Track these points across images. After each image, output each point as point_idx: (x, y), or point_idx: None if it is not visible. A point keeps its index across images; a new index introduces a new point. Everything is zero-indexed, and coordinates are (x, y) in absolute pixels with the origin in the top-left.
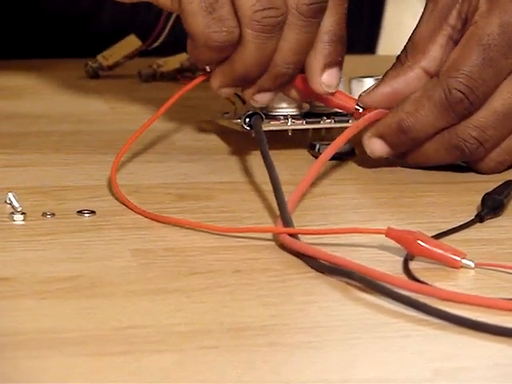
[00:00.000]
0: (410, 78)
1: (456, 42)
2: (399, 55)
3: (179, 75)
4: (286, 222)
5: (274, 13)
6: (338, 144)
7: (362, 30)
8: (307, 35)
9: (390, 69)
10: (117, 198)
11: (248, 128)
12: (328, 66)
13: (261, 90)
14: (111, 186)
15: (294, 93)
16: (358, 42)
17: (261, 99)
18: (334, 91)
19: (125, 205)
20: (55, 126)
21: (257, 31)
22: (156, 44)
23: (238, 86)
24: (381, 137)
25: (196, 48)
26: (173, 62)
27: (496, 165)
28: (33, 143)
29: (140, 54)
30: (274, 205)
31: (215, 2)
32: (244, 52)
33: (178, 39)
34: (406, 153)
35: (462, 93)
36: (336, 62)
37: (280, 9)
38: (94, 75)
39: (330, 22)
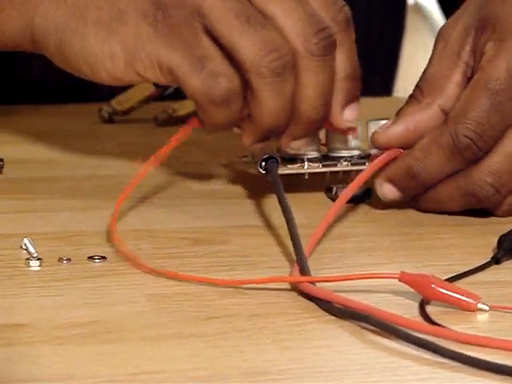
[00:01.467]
0: (428, 115)
1: (469, 78)
2: (413, 93)
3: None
4: (304, 270)
5: (279, 53)
6: (354, 187)
7: (378, 72)
8: (326, 74)
9: (405, 106)
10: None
11: (264, 172)
12: (348, 102)
13: (295, 139)
14: (109, 235)
15: None
16: (374, 84)
17: (297, 146)
18: (356, 125)
19: (126, 255)
20: (71, 171)
21: (268, 77)
22: (170, 90)
23: (270, 137)
24: (391, 181)
25: (204, 111)
26: (188, 105)
27: (511, 207)
28: (48, 188)
29: (156, 98)
30: (291, 249)
31: (203, 58)
32: (262, 104)
33: None
34: (419, 199)
35: (470, 139)
36: (355, 97)
37: (283, 48)
38: (109, 120)
39: (341, 59)
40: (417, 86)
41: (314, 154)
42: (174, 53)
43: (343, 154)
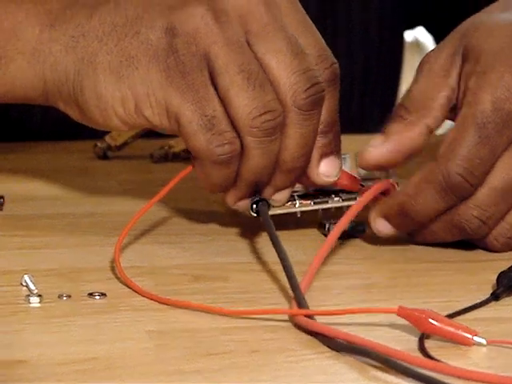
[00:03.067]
0: (414, 134)
1: (453, 107)
2: (398, 111)
3: (191, 155)
4: (300, 303)
5: (272, 115)
6: (344, 223)
7: (375, 109)
8: (310, 127)
9: (390, 125)
10: (122, 282)
11: (255, 214)
12: (324, 156)
13: (278, 190)
14: (115, 269)
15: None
16: (372, 121)
17: (280, 198)
18: (334, 179)
19: (131, 288)
20: (70, 208)
21: (259, 137)
22: None
23: (252, 193)
24: (385, 217)
25: (204, 168)
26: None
27: (506, 240)
28: (48, 225)
29: (149, 133)
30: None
31: (213, 118)
32: (250, 160)
33: None
34: (414, 235)
35: (462, 176)
36: (331, 151)
37: (277, 110)
38: (103, 156)
39: (322, 112)
40: (401, 104)
41: (303, 190)
42: (185, 104)
43: (334, 189)
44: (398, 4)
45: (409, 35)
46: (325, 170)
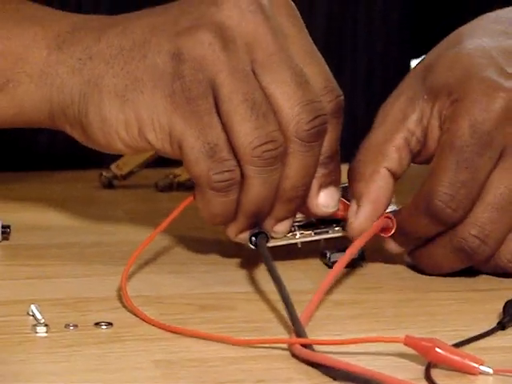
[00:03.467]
0: (380, 183)
1: (412, 149)
2: (355, 168)
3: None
4: (299, 334)
5: (274, 145)
6: (349, 256)
7: None
8: (311, 158)
9: (354, 185)
10: (129, 310)
11: (253, 247)
12: (323, 186)
13: (278, 221)
14: (122, 298)
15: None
16: None
17: (281, 229)
18: (332, 210)
19: (138, 316)
20: (76, 238)
21: (259, 166)
22: None
23: (254, 225)
24: (391, 237)
25: (204, 196)
26: None
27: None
28: (55, 255)
29: (155, 161)
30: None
31: (215, 146)
32: (250, 189)
33: None
34: (416, 257)
35: (443, 202)
36: (330, 182)
37: (278, 141)
38: (109, 185)
39: (323, 143)
40: (356, 160)
41: (303, 220)
42: (188, 130)
43: (334, 218)
44: (404, 33)
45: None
46: (324, 201)
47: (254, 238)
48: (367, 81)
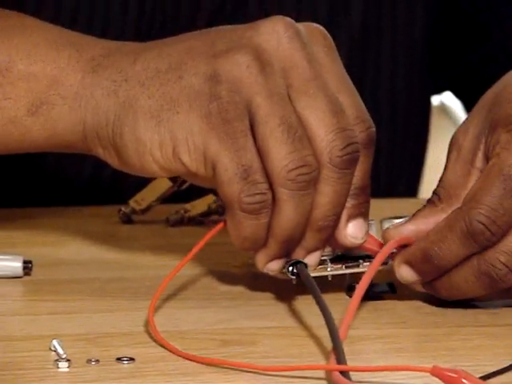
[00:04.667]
0: (442, 218)
1: None
2: (431, 198)
3: (206, 219)
4: (340, 360)
5: (308, 170)
6: (367, 280)
7: (402, 176)
8: (343, 186)
9: (421, 209)
10: (156, 342)
11: (293, 276)
12: (351, 217)
13: (309, 251)
14: (150, 332)
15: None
16: (398, 187)
17: (311, 260)
18: (360, 242)
19: (166, 348)
20: (98, 273)
21: (293, 189)
22: (187, 184)
23: (284, 254)
24: (408, 264)
25: (234, 218)
26: (200, 206)
27: None
28: (77, 290)
29: (171, 195)
30: (320, 350)
31: (249, 168)
32: (282, 213)
33: None
34: (437, 284)
35: (483, 224)
36: (360, 214)
37: (312, 165)
38: (128, 220)
39: (355, 173)
40: (434, 192)
41: (331, 254)
42: (223, 151)
43: (359, 254)
44: (426, 69)
45: (435, 100)
46: (352, 232)
47: (291, 268)
48: (391, 117)
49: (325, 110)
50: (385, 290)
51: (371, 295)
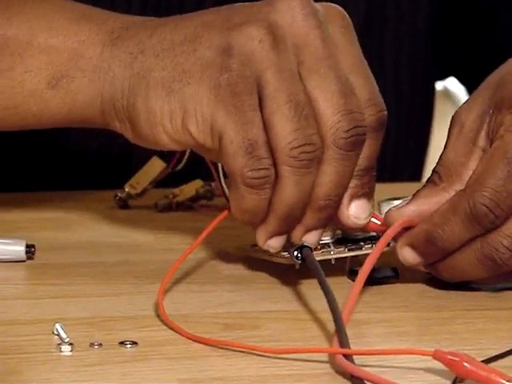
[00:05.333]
0: (444, 198)
1: None
2: (431, 177)
3: (194, 204)
4: (343, 343)
5: (311, 148)
6: (371, 263)
7: (407, 160)
8: (346, 167)
9: (422, 189)
10: (166, 325)
11: (299, 261)
12: (354, 197)
13: (308, 230)
14: (159, 314)
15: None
16: (403, 172)
17: (310, 239)
18: (363, 223)
19: (174, 330)
20: (101, 257)
21: (294, 167)
22: (181, 165)
23: (284, 231)
24: (411, 246)
25: (237, 192)
26: (188, 190)
27: None
28: (80, 274)
29: (166, 178)
30: (321, 333)
31: (255, 143)
32: (283, 190)
33: (200, 157)
34: (439, 266)
35: (487, 207)
36: (363, 194)
37: (316, 144)
38: (124, 205)
39: (361, 155)
40: (434, 170)
41: (333, 238)
42: (230, 124)
43: (359, 236)
44: (429, 58)
45: (440, 85)
46: (354, 212)
47: (296, 252)
48: (395, 105)
49: (334, 90)
50: (388, 274)
51: (374, 280)
